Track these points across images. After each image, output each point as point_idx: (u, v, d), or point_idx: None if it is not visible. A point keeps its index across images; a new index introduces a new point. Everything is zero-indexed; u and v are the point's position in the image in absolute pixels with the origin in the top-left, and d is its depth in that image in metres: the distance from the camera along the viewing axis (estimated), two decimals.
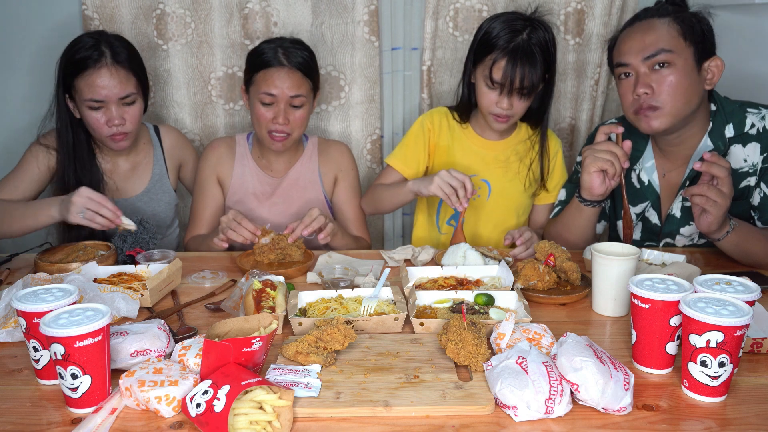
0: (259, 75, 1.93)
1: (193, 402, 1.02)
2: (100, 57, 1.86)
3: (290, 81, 1.91)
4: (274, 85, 1.91)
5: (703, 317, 1.05)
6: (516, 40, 1.80)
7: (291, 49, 1.94)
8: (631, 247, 1.45)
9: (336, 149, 2.16)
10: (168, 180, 2.15)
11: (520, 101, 1.87)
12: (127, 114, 1.92)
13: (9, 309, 1.36)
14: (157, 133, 2.16)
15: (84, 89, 1.87)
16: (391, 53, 2.46)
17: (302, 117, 1.96)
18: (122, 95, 1.89)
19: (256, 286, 1.40)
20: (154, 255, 1.70)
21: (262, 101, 1.93)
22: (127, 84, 1.90)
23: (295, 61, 1.92)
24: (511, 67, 1.80)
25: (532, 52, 1.80)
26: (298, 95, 1.92)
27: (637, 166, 1.89)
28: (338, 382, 1.14)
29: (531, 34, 1.82)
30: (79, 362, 1.05)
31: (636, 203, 1.90)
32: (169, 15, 2.33)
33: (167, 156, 2.16)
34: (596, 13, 2.35)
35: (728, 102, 1.78)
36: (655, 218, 1.89)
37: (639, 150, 1.88)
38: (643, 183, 1.89)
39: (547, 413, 1.04)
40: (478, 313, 1.37)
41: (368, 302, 1.40)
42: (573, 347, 1.08)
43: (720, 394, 1.10)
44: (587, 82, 2.43)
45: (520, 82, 1.82)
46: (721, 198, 1.52)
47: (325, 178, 2.13)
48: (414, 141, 2.07)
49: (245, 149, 2.11)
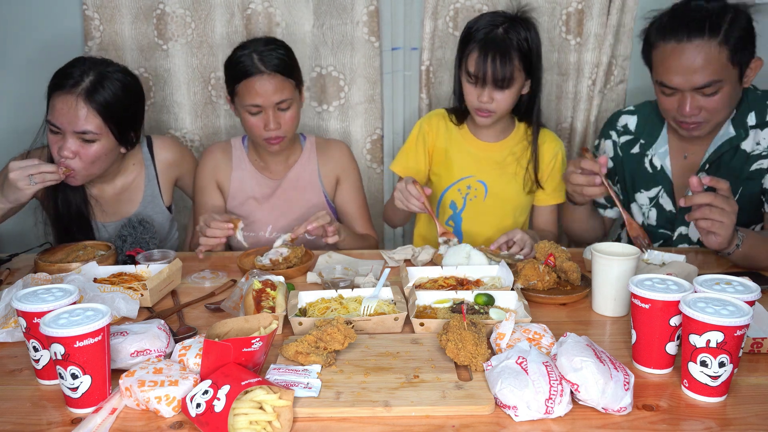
0: (240, 86, 1.89)
1: (193, 402, 1.02)
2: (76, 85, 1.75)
3: (272, 86, 1.87)
4: (258, 93, 1.86)
5: (703, 317, 1.05)
6: (491, 33, 1.84)
7: (266, 52, 1.88)
8: (631, 247, 1.45)
9: (336, 149, 2.14)
10: (161, 200, 2.06)
11: (500, 96, 1.88)
12: (83, 150, 1.77)
13: (9, 309, 1.36)
14: (150, 148, 2.05)
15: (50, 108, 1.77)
16: (391, 53, 2.46)
17: (292, 117, 1.94)
18: (78, 130, 1.75)
19: (256, 286, 1.40)
20: (154, 255, 1.70)
21: (249, 112, 1.90)
22: (88, 121, 1.76)
23: (272, 64, 1.87)
24: (483, 59, 1.83)
25: (506, 45, 1.83)
26: (283, 99, 1.89)
27: (650, 152, 1.92)
28: (338, 382, 1.14)
29: (509, 29, 1.84)
30: (79, 362, 1.05)
31: (650, 187, 1.93)
32: (170, 15, 2.33)
33: (161, 175, 2.06)
34: (594, 13, 2.35)
35: (752, 91, 1.80)
36: (669, 205, 1.90)
37: (653, 135, 1.92)
38: (656, 168, 1.91)
39: (547, 413, 1.04)
40: (478, 313, 1.37)
41: (368, 302, 1.39)
42: (573, 347, 1.08)
43: (720, 394, 1.10)
44: (585, 81, 2.43)
45: (493, 73, 1.83)
46: (726, 217, 1.50)
47: (326, 179, 2.12)
48: (414, 145, 2.09)
49: (242, 153, 2.10)
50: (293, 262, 1.73)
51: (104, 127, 1.79)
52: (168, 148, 2.08)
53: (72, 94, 1.75)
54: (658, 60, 1.73)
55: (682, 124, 1.75)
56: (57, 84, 1.78)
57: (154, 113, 2.44)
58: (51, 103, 1.78)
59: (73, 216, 1.92)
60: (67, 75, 1.78)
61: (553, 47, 2.41)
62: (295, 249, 1.77)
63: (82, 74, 1.78)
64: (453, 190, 2.09)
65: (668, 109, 1.76)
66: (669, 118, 1.80)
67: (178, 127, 2.45)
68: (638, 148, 1.95)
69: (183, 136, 2.46)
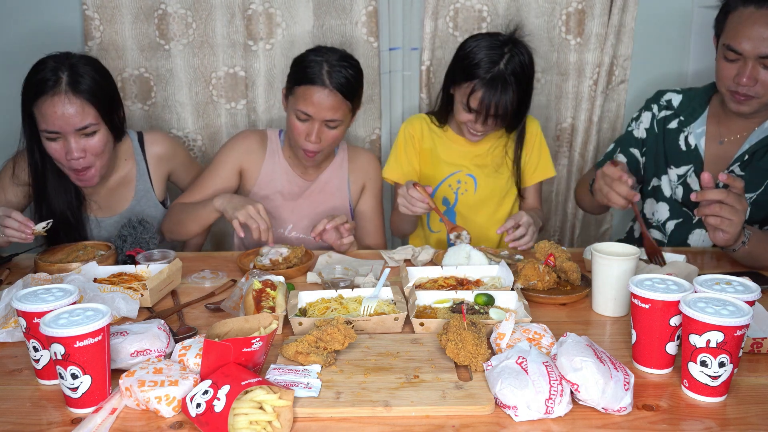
0: (299, 89, 1.87)
1: (193, 402, 1.02)
2: (56, 84, 1.73)
3: (329, 103, 1.85)
4: (312, 104, 1.85)
5: (703, 317, 1.05)
6: (493, 70, 1.85)
7: (337, 67, 1.86)
8: (631, 247, 1.45)
9: (365, 158, 2.16)
10: (153, 195, 2.05)
11: (496, 121, 1.93)
12: (88, 145, 1.79)
13: (9, 309, 1.36)
14: (141, 143, 2.04)
15: (40, 118, 1.75)
16: (389, 53, 2.46)
17: (336, 136, 1.93)
18: (79, 126, 1.75)
19: (256, 286, 1.40)
20: (154, 255, 1.70)
21: (297, 117, 1.89)
22: (85, 114, 1.75)
23: (338, 82, 1.85)
24: (487, 98, 1.86)
25: (507, 82, 1.86)
26: (334, 119, 1.88)
27: (688, 129, 1.93)
28: (338, 382, 1.14)
29: (509, 62, 1.86)
30: (79, 362, 1.05)
31: (680, 165, 1.94)
32: (171, 15, 2.33)
33: (152, 169, 2.04)
34: (596, 13, 2.35)
35: None
36: (696, 185, 1.91)
37: (694, 115, 1.94)
38: (690, 146, 1.93)
39: (547, 413, 1.04)
40: (478, 313, 1.37)
41: (368, 302, 1.40)
42: (573, 347, 1.08)
43: (720, 394, 1.10)
44: (586, 82, 2.43)
45: (495, 110, 1.88)
46: (735, 216, 1.50)
47: (353, 186, 2.13)
48: (403, 149, 2.12)
49: (277, 146, 2.09)
50: (293, 262, 1.73)
51: (98, 116, 1.79)
52: (159, 143, 2.06)
53: (58, 94, 1.73)
54: (731, 24, 1.74)
55: (735, 94, 1.76)
56: (36, 92, 1.75)
57: (155, 113, 2.44)
58: (38, 112, 1.75)
59: (68, 212, 1.92)
60: (42, 80, 1.74)
61: (552, 47, 2.42)
62: (295, 249, 1.77)
63: (56, 72, 1.75)
64: (444, 186, 2.12)
65: (725, 77, 1.77)
66: (723, 87, 1.80)
67: (180, 126, 2.45)
68: (676, 123, 1.97)
69: (185, 136, 2.46)
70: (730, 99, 1.79)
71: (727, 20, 1.76)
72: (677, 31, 2.46)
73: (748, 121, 1.85)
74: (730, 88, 1.77)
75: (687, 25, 2.44)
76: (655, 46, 2.46)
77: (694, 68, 2.46)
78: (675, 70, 2.49)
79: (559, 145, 2.54)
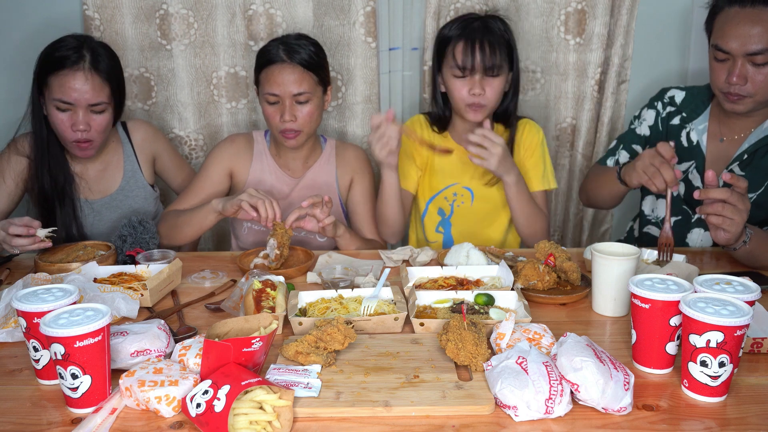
0: (263, 74, 1.94)
1: (193, 402, 1.02)
2: (79, 60, 1.85)
3: (292, 78, 1.90)
4: (276, 83, 1.91)
5: (703, 317, 1.05)
6: (472, 25, 1.90)
7: (293, 44, 1.93)
8: (631, 247, 1.45)
9: (352, 152, 2.16)
10: (141, 175, 2.13)
11: (489, 87, 1.90)
12: (94, 122, 1.90)
13: (9, 309, 1.36)
14: (126, 131, 2.13)
15: (55, 88, 1.85)
16: (389, 53, 2.46)
17: (310, 112, 1.95)
18: (93, 102, 1.87)
19: (256, 286, 1.40)
20: (154, 255, 1.70)
21: (267, 101, 1.94)
22: (100, 92, 1.88)
23: (297, 56, 1.92)
24: (470, 47, 1.87)
25: (490, 31, 1.88)
26: (301, 92, 1.92)
27: (690, 125, 1.94)
28: (338, 382, 1.14)
29: (486, 21, 1.91)
30: (79, 362, 1.05)
31: (681, 161, 1.94)
32: (172, 15, 2.33)
33: (138, 151, 2.13)
34: (597, 13, 2.35)
35: None
36: (698, 181, 1.91)
37: (696, 112, 1.94)
38: (692, 142, 1.93)
39: (547, 413, 1.04)
40: (478, 313, 1.37)
41: (368, 302, 1.40)
42: (573, 347, 1.08)
43: (720, 394, 1.10)
44: (587, 82, 2.43)
45: (482, 59, 1.86)
46: (737, 215, 1.50)
47: (342, 181, 2.13)
48: (403, 153, 2.09)
49: (263, 146, 2.11)
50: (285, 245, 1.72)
51: (110, 96, 1.92)
52: (141, 128, 2.16)
53: (80, 69, 1.85)
54: (719, 24, 1.76)
55: (727, 95, 1.77)
56: (56, 64, 1.85)
57: (156, 113, 2.44)
58: (56, 82, 1.85)
59: (58, 193, 1.99)
60: (64, 56, 1.85)
61: (551, 47, 2.42)
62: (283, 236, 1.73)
63: (79, 50, 1.87)
64: (439, 198, 2.11)
65: (717, 78, 1.78)
66: (716, 89, 1.81)
67: (182, 126, 2.45)
68: (678, 120, 1.97)
69: (187, 136, 2.46)
70: (724, 100, 1.80)
71: (715, 21, 1.78)
72: (677, 31, 2.46)
73: (747, 120, 1.85)
74: (723, 89, 1.77)
75: (687, 25, 2.44)
76: (656, 46, 2.46)
77: (695, 68, 2.46)
78: (675, 70, 2.50)
79: (559, 145, 2.54)
